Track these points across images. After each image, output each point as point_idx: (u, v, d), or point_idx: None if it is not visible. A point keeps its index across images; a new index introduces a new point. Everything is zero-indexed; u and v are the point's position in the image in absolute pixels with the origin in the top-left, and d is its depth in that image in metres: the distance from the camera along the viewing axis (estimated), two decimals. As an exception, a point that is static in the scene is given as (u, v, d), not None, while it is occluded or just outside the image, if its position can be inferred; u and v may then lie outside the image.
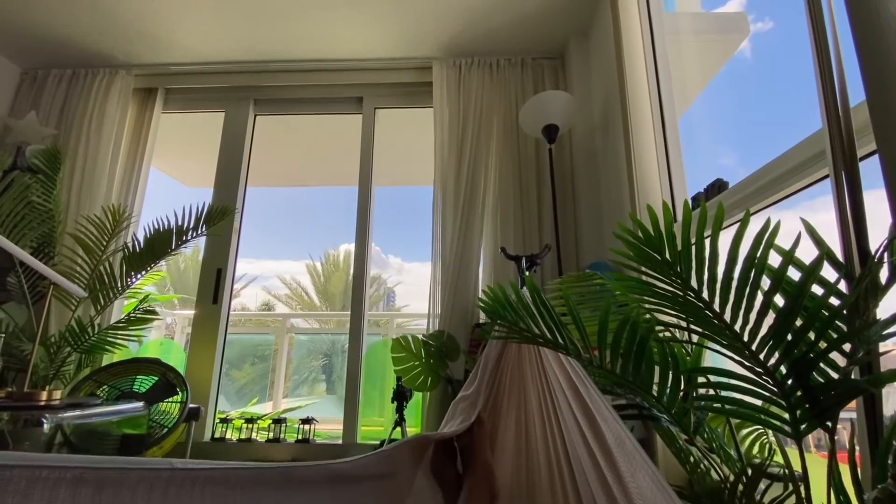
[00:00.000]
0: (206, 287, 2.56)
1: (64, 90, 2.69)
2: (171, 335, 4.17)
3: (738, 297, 0.63)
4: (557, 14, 2.36)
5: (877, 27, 0.75)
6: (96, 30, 2.50)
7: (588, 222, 2.27)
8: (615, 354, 0.77)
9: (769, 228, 0.60)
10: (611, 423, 0.73)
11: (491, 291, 0.75)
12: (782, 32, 1.59)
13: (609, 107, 2.14)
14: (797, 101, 1.39)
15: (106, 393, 2.07)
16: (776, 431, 0.69)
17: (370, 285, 2.74)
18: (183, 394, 2.07)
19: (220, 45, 2.62)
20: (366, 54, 2.68)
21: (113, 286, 2.16)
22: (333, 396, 5.98)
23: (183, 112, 2.90)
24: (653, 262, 0.63)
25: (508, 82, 2.55)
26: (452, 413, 1.10)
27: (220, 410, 2.59)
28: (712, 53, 2.21)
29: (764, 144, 1.61)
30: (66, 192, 2.46)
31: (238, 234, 2.71)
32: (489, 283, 2.32)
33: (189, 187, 4.77)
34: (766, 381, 0.68)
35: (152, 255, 2.13)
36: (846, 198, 0.82)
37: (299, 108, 2.91)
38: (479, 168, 2.40)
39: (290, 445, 2.35)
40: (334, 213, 20.49)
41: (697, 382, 0.76)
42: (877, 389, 0.61)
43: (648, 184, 1.83)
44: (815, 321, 0.62)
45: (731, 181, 1.45)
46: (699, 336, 0.73)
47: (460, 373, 2.12)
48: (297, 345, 6.11)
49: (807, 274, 0.60)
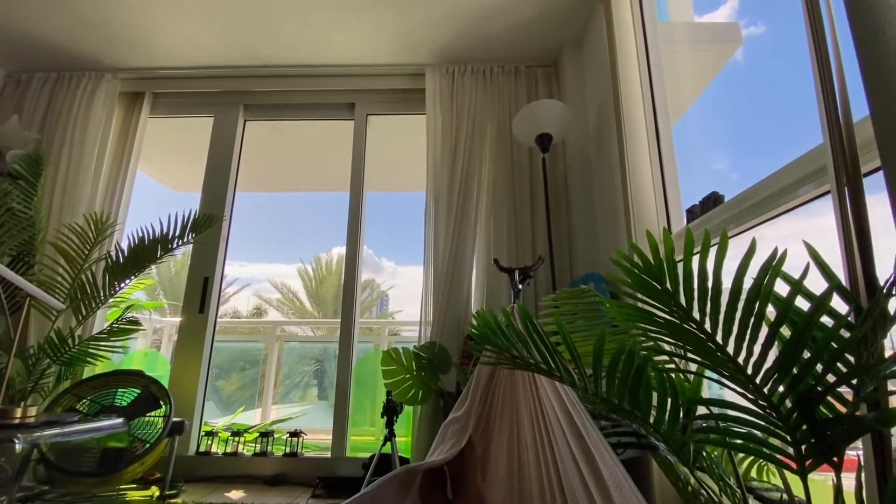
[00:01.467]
0: (192, 296, 2.50)
1: (48, 94, 2.62)
2: (158, 343, 4.09)
3: (742, 328, 0.60)
4: (551, 22, 2.34)
5: (882, 43, 0.72)
6: (81, 32, 2.44)
7: (582, 233, 2.24)
8: (611, 382, 0.73)
9: (776, 257, 0.57)
10: (608, 461, 0.69)
11: (481, 317, 0.71)
12: (775, 36, 1.57)
13: (603, 116, 2.11)
14: (792, 106, 1.37)
15: (86, 407, 2.01)
16: (780, 467, 0.66)
17: (363, 290, 2.69)
18: (166, 407, 2.01)
19: (209, 49, 2.57)
20: (358, 60, 2.64)
21: (95, 296, 2.09)
22: (325, 402, 5.89)
23: (171, 117, 2.85)
24: (652, 292, 0.60)
25: (502, 90, 2.53)
26: (442, 437, 1.06)
27: (207, 422, 2.52)
28: (706, 63, 2.20)
29: (759, 152, 1.59)
30: (48, 199, 2.40)
31: (226, 242, 2.66)
32: (482, 294, 2.28)
33: (178, 192, 4.70)
34: (769, 415, 0.64)
35: (136, 264, 2.07)
36: (850, 217, 0.79)
37: (290, 113, 2.86)
38: (472, 176, 2.37)
39: (278, 459, 2.30)
40: (327, 217, 20.40)
41: (696, 414, 0.73)
42: (885, 428, 0.57)
43: (643, 194, 1.80)
44: (823, 354, 0.58)
45: (724, 187, 1.43)
46: (698, 365, 0.69)
47: (452, 385, 2.08)
48: (288, 350, 6.03)
49: (816, 306, 0.56)
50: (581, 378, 0.73)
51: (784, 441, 0.64)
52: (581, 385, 0.74)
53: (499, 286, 2.26)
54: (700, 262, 0.63)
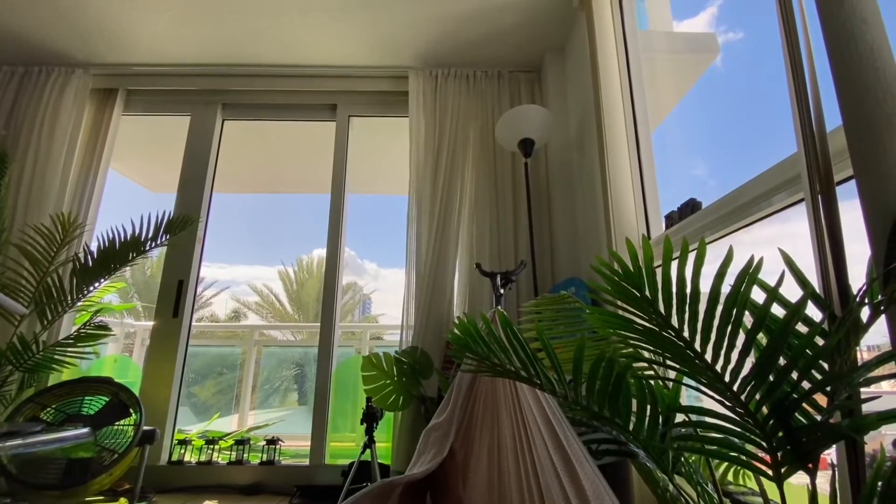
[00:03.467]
0: (165, 300, 2.42)
1: (14, 88, 2.52)
2: (130, 349, 3.95)
3: (720, 336, 0.60)
4: (533, 29, 2.35)
5: (854, 55, 0.74)
6: (51, 25, 2.35)
7: (563, 237, 2.25)
8: (591, 389, 0.73)
9: (752, 265, 0.57)
10: (588, 471, 0.68)
11: (461, 324, 0.70)
12: (753, 42, 1.60)
13: (585, 123, 2.13)
14: (770, 112, 1.40)
15: (50, 416, 1.92)
16: (757, 474, 0.66)
17: (345, 293, 2.65)
18: (136, 415, 1.94)
19: (187, 45, 2.51)
20: (340, 61, 2.61)
21: (61, 300, 2.01)
22: (306, 407, 5.79)
23: (145, 115, 2.76)
24: (631, 299, 0.59)
25: (485, 94, 2.53)
26: (424, 445, 1.04)
27: (180, 429, 2.44)
28: (684, 71, 2.24)
29: (738, 158, 1.62)
30: (13, 198, 2.30)
31: (202, 244, 2.59)
32: (464, 298, 2.27)
33: (155, 193, 4.57)
34: (747, 422, 0.65)
35: (105, 267, 1.99)
36: (823, 225, 0.81)
37: (270, 113, 2.81)
38: (455, 180, 2.36)
39: (254, 467, 2.24)
40: (308, 218, 20.15)
41: (675, 421, 0.73)
42: (859, 435, 0.58)
43: (623, 199, 1.82)
44: (798, 361, 0.59)
45: (703, 193, 1.45)
46: (677, 372, 0.69)
47: (434, 390, 2.06)
48: (267, 354, 5.91)
49: (791, 313, 0.57)
50: (561, 385, 0.72)
51: (760, 447, 0.65)
52: (561, 392, 0.73)
53: (481, 290, 2.25)
54: (678, 270, 0.63)
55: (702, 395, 0.72)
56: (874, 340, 0.73)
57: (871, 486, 0.59)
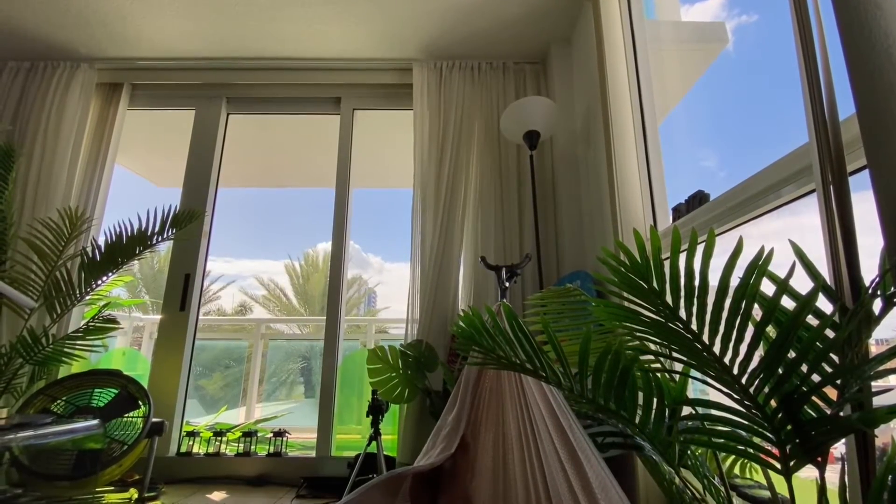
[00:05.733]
0: (172, 293, 2.44)
1: (20, 84, 2.53)
2: (138, 342, 3.99)
3: (728, 328, 0.59)
4: (539, 20, 2.32)
5: (868, 41, 0.72)
6: (56, 20, 2.36)
7: (569, 230, 2.24)
8: (597, 382, 0.72)
9: (762, 256, 0.56)
10: (594, 464, 0.68)
11: (466, 317, 0.69)
12: (767, 26, 1.56)
13: (591, 115, 2.11)
14: (784, 99, 1.37)
15: (61, 408, 1.94)
16: (765, 467, 0.65)
17: (350, 287, 2.66)
18: (145, 407, 1.96)
19: (191, 40, 2.50)
20: (344, 54, 2.60)
21: (70, 293, 2.03)
22: (312, 400, 5.84)
23: (150, 109, 2.77)
24: (639, 291, 0.58)
25: (490, 86, 2.51)
26: (433, 442, 1.05)
27: (188, 422, 2.47)
28: (692, 61, 2.20)
29: (749, 149, 1.59)
30: (21, 193, 2.31)
31: (208, 238, 2.60)
32: (469, 291, 2.27)
33: (160, 187, 4.59)
34: (755, 415, 0.64)
35: (113, 261, 2.01)
36: (835, 217, 0.79)
37: (275, 107, 2.81)
38: (460, 173, 2.35)
39: (261, 459, 2.26)
40: (314, 212, 20.19)
41: (681, 414, 0.72)
42: (869, 428, 0.57)
43: (630, 192, 1.80)
44: (808, 354, 0.58)
45: (712, 185, 1.43)
46: (684, 365, 0.68)
47: (439, 383, 2.06)
48: (274, 347, 5.96)
49: (801, 305, 0.56)
50: (567, 378, 0.72)
51: (769, 441, 0.64)
52: (566, 385, 0.73)
53: (486, 284, 2.25)
54: (687, 262, 0.62)
55: (707, 388, 0.71)
56: (882, 335, 0.72)
57: (882, 479, 0.58)
